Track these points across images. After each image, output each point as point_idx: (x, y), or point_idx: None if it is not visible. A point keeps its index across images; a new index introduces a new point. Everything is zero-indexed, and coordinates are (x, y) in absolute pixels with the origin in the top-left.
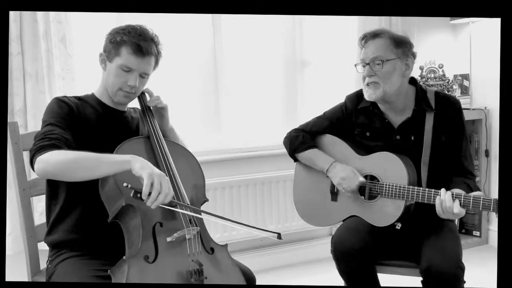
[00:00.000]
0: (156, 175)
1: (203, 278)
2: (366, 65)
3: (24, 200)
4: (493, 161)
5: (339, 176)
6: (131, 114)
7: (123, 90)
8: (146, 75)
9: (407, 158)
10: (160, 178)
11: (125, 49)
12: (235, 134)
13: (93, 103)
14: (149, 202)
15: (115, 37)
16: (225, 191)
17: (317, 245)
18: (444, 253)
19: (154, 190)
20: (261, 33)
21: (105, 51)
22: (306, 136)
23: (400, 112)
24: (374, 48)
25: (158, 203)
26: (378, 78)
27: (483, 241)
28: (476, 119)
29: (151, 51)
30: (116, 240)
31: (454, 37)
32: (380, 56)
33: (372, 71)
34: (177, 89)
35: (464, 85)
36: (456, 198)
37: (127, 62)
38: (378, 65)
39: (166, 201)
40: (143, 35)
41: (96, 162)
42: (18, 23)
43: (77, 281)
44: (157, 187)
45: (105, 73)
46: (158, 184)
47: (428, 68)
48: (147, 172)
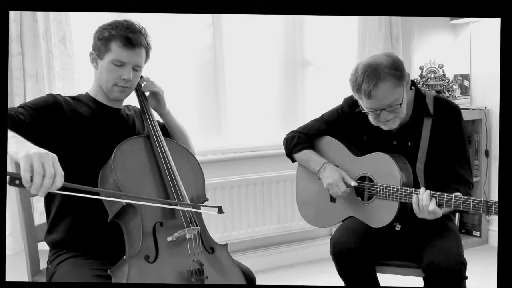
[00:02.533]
0: (35, 155)
1: (203, 278)
2: (382, 110)
3: (24, 200)
4: (493, 161)
5: (326, 182)
6: (125, 112)
7: (118, 85)
8: (138, 68)
9: (402, 158)
10: (41, 158)
11: (115, 44)
12: (235, 134)
13: (88, 101)
14: (33, 190)
15: (103, 34)
16: (225, 191)
17: (317, 245)
18: (446, 249)
19: (36, 174)
20: (261, 33)
21: (94, 49)
22: (302, 137)
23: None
24: (385, 95)
25: (45, 188)
26: (395, 113)
27: (483, 241)
28: (476, 119)
29: (140, 42)
30: (116, 240)
31: (454, 37)
32: (396, 100)
33: (390, 113)
34: (177, 89)
35: (464, 85)
36: (433, 197)
37: (119, 56)
38: (392, 106)
39: (56, 184)
40: (130, 27)
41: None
42: (18, 23)
43: (78, 281)
44: (38, 170)
45: (97, 72)
46: (39, 167)
47: (428, 68)
48: (22, 155)
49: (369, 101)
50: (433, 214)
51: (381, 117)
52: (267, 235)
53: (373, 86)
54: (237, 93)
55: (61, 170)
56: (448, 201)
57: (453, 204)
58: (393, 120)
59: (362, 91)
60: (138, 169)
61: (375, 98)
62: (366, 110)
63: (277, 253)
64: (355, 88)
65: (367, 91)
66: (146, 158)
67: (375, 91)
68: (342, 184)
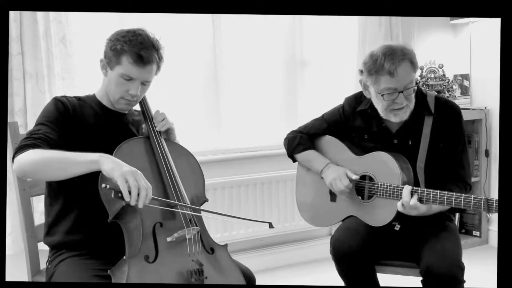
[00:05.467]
0: (129, 172)
1: (203, 278)
2: (399, 92)
3: (24, 200)
4: (493, 161)
5: (330, 178)
6: (132, 117)
7: (125, 99)
8: (147, 83)
9: (403, 158)
10: (133, 175)
11: (126, 59)
12: (235, 134)
13: (93, 104)
14: (133, 201)
15: (116, 45)
16: (225, 191)
17: (317, 245)
18: (444, 253)
19: (133, 188)
20: (261, 33)
21: (105, 57)
22: (304, 137)
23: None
24: (406, 74)
25: (143, 199)
26: (407, 101)
27: (483, 241)
28: (476, 119)
29: (152, 59)
30: (115, 240)
31: (454, 37)
32: (412, 80)
33: (405, 97)
34: (177, 89)
35: (464, 85)
36: (415, 193)
37: (129, 71)
38: (408, 89)
39: (149, 195)
40: (144, 43)
41: (65, 163)
42: (18, 23)
43: (77, 281)
44: (134, 184)
45: (106, 79)
46: (133, 181)
47: (428, 68)
48: (118, 173)
49: (391, 80)
50: (415, 210)
51: (397, 102)
52: (267, 235)
53: (398, 62)
54: (237, 93)
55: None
56: (434, 198)
57: (438, 200)
58: (405, 110)
59: (385, 70)
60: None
61: (397, 76)
62: (383, 92)
63: (277, 253)
64: (374, 70)
65: (392, 68)
66: (146, 158)
67: (400, 68)
68: (346, 178)
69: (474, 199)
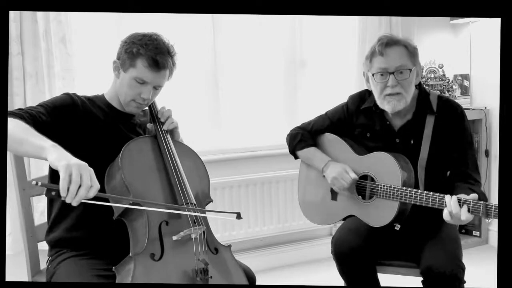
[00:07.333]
0: (75, 165)
1: (208, 277)
2: (390, 74)
3: (24, 200)
4: (493, 161)
5: (331, 176)
6: (140, 118)
7: (136, 102)
8: (159, 87)
9: (404, 158)
10: (79, 169)
11: (141, 62)
12: (235, 134)
13: (102, 104)
14: (68, 199)
15: (131, 48)
16: (225, 191)
17: (317, 245)
18: (444, 253)
19: (73, 184)
20: (261, 33)
21: (119, 58)
22: (305, 134)
23: (402, 114)
24: (397, 56)
25: (80, 198)
26: (401, 88)
27: (483, 241)
28: (476, 119)
29: (166, 65)
30: (117, 239)
31: (454, 37)
32: (405, 64)
33: (396, 80)
34: (177, 89)
35: (464, 85)
36: (464, 204)
37: (142, 75)
38: (402, 73)
39: (90, 195)
40: (159, 48)
41: (22, 139)
42: (18, 23)
43: (78, 281)
44: (75, 180)
45: (117, 80)
46: (77, 176)
47: (428, 68)
48: (63, 164)
49: (381, 60)
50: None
51: (389, 85)
52: (267, 235)
53: (387, 44)
54: (237, 93)
55: (97, 183)
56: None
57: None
58: (398, 98)
59: (376, 51)
60: (145, 168)
61: (387, 57)
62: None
63: (277, 253)
64: (369, 54)
65: (382, 48)
66: (153, 157)
67: (391, 49)
68: (347, 176)
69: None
